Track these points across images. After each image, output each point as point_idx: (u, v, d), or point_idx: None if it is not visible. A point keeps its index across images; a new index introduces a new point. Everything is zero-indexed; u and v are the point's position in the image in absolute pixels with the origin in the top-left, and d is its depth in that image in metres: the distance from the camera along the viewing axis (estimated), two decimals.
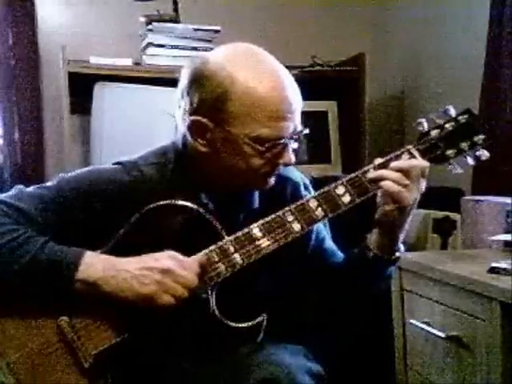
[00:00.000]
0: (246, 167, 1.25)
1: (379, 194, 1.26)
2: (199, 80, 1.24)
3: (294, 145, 1.28)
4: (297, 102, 1.25)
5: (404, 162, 1.25)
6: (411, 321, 1.65)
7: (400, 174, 1.22)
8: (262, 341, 1.33)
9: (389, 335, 1.80)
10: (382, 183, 1.23)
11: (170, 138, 1.40)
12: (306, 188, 1.42)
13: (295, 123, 1.25)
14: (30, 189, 1.31)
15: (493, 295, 1.34)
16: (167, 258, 1.21)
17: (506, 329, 1.32)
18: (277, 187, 1.35)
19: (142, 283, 1.20)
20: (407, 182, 1.22)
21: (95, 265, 1.22)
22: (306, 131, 1.29)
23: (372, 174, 1.25)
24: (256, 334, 1.32)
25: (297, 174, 1.43)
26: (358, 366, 2.13)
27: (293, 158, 1.28)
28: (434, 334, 1.54)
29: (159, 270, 1.20)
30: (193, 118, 1.26)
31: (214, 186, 1.32)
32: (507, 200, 1.80)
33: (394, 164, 1.24)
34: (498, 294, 1.32)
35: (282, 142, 1.24)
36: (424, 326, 1.58)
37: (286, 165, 1.29)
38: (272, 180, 1.31)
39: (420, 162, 1.25)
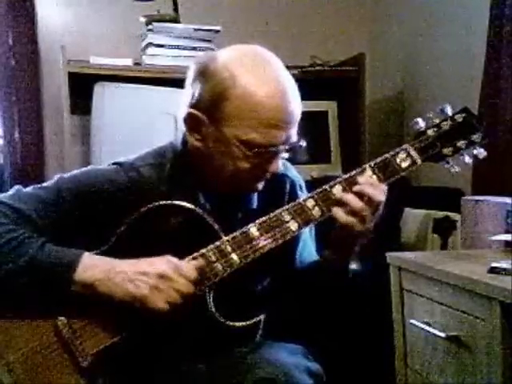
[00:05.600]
0: (233, 169, 1.26)
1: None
2: (203, 75, 1.26)
3: (285, 155, 1.29)
4: (295, 114, 1.25)
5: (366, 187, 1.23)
6: (411, 321, 1.64)
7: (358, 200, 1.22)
8: (261, 340, 1.33)
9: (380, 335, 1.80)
10: (333, 211, 1.23)
11: (169, 138, 1.41)
12: (300, 189, 1.42)
13: (289, 134, 1.25)
14: (29, 189, 1.31)
15: (493, 295, 1.33)
16: (164, 263, 1.21)
17: (505, 329, 1.32)
18: (275, 186, 1.35)
19: (137, 286, 1.20)
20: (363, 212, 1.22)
21: (93, 266, 1.22)
22: (302, 143, 1.29)
23: (338, 194, 1.25)
24: (254, 333, 1.32)
25: (294, 174, 1.44)
26: (357, 366, 2.12)
27: (280, 167, 1.30)
28: (434, 334, 1.53)
29: (154, 275, 1.20)
30: (190, 110, 1.26)
31: (210, 186, 1.32)
32: (507, 200, 1.79)
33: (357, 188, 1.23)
34: (498, 294, 1.31)
35: (271, 149, 1.24)
36: (424, 325, 1.57)
37: (272, 173, 1.29)
38: (260, 185, 1.31)
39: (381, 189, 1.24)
